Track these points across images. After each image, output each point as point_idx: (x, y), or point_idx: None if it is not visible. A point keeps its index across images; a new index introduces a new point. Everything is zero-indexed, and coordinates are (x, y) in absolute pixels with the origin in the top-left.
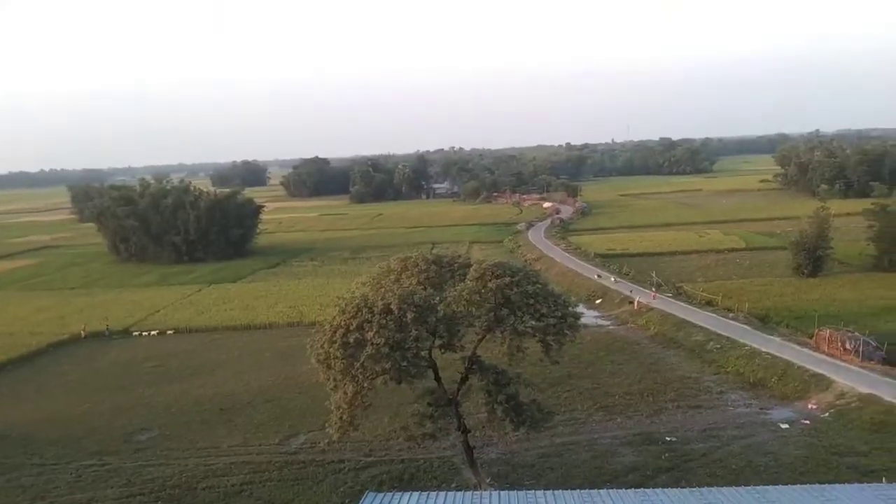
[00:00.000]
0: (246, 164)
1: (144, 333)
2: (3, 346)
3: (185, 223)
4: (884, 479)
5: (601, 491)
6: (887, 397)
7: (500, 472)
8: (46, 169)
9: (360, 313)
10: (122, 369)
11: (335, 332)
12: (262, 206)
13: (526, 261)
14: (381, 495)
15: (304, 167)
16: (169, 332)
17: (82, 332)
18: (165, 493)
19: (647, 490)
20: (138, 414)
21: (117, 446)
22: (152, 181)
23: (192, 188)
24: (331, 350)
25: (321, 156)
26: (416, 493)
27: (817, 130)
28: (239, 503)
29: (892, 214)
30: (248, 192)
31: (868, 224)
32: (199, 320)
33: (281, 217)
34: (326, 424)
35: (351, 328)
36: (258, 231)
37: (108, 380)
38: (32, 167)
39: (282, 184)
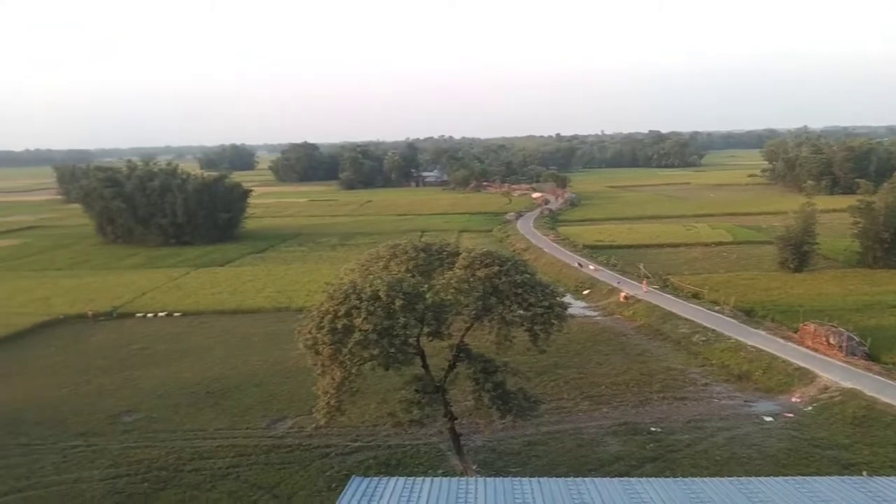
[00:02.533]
0: (234, 147)
1: (150, 315)
2: None
3: (172, 206)
4: (864, 473)
5: (586, 479)
6: (869, 392)
7: (486, 459)
8: (31, 148)
9: (348, 299)
10: (108, 352)
11: (323, 317)
12: (251, 191)
13: (515, 250)
14: (367, 480)
15: (293, 152)
16: (176, 314)
17: (89, 312)
18: (152, 474)
19: (631, 479)
20: (124, 396)
21: (103, 428)
22: (139, 163)
23: (179, 171)
24: (318, 336)
25: (310, 141)
26: (402, 479)
27: (805, 126)
28: (225, 486)
29: (877, 212)
30: (236, 176)
31: (853, 221)
32: (187, 303)
33: (269, 202)
34: (313, 409)
35: (339, 314)
36: (246, 215)
37: (94, 362)
38: (17, 146)
39: (270, 168)
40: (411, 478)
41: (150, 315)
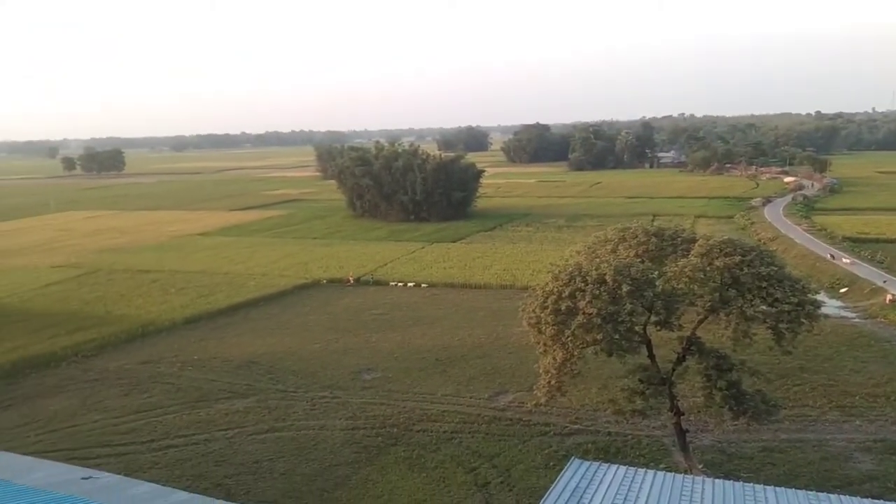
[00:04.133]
0: (469, 129)
1: (400, 284)
2: (258, 284)
3: (412, 184)
4: None
5: (832, 496)
6: None
7: (713, 460)
8: (296, 130)
9: (573, 281)
10: (353, 314)
11: (547, 297)
12: (483, 171)
13: (760, 240)
14: (587, 463)
15: (525, 133)
16: (423, 284)
17: (350, 278)
18: (385, 430)
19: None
20: (365, 356)
21: (346, 383)
22: (386, 144)
23: (420, 151)
24: (542, 315)
25: (542, 122)
26: (623, 467)
27: None
28: (449, 449)
29: None
30: (470, 157)
31: None
32: (422, 275)
33: (499, 182)
34: (534, 387)
35: (563, 295)
36: (478, 195)
37: (340, 323)
38: (284, 128)
39: (502, 149)
40: (633, 467)
41: (399, 284)
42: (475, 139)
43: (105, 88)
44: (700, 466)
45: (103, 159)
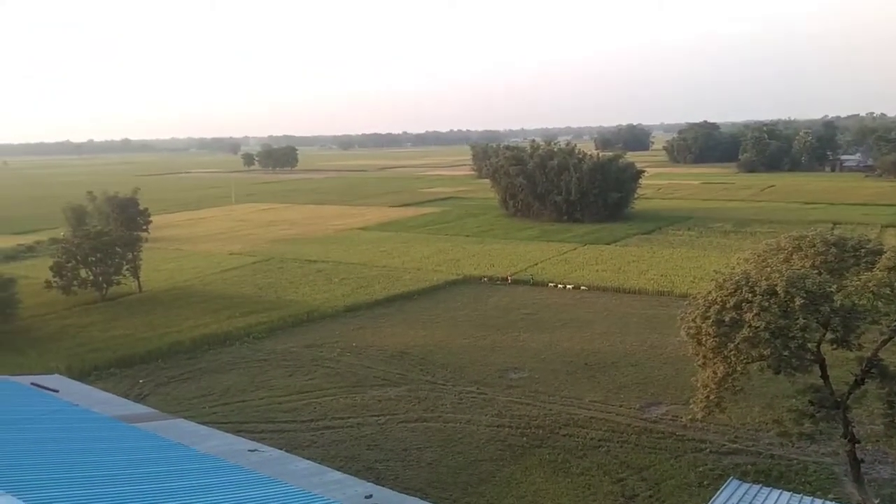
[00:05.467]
0: (630, 127)
1: (559, 286)
2: (412, 279)
3: (567, 184)
4: None
5: None
6: None
7: (892, 495)
8: (454, 129)
9: (739, 291)
10: (501, 312)
11: (709, 307)
12: (643, 171)
13: None
14: (746, 485)
15: (690, 132)
16: (583, 287)
17: (508, 277)
18: (530, 430)
19: None
20: (512, 354)
21: (493, 380)
22: (541, 143)
23: (576, 150)
24: (703, 326)
25: (710, 120)
26: (786, 493)
27: None
28: (595, 457)
29: None
30: (630, 156)
31: None
32: (572, 277)
33: (660, 183)
34: (690, 400)
35: (727, 306)
36: (636, 196)
37: (489, 320)
38: (443, 127)
39: (664, 149)
40: (798, 494)
41: (559, 286)
42: (636, 138)
43: (283, 91)
44: (877, 501)
45: (279, 156)
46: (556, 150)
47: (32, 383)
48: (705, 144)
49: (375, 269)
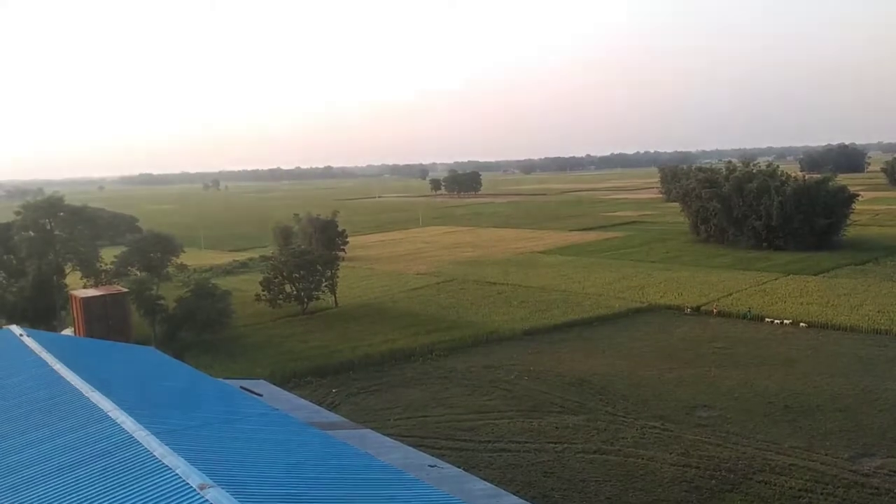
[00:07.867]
0: (842, 147)
1: (776, 321)
2: (592, 304)
3: (767, 208)
4: None
5: None
6: None
7: None
8: (641, 151)
9: None
10: (690, 345)
11: None
12: (857, 195)
13: None
14: None
15: None
16: (801, 324)
17: (713, 308)
18: (720, 473)
19: None
20: (700, 390)
21: (678, 416)
22: (738, 164)
23: (778, 172)
24: None
25: None
26: None
27: None
28: None
29: None
30: (842, 179)
31: None
32: (772, 310)
33: (878, 208)
34: None
35: None
36: (848, 222)
37: (676, 352)
38: (630, 149)
39: (883, 170)
40: None
41: (776, 321)
42: (848, 159)
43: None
44: None
45: (463, 181)
46: (755, 171)
47: (241, 387)
48: None
49: (555, 294)
